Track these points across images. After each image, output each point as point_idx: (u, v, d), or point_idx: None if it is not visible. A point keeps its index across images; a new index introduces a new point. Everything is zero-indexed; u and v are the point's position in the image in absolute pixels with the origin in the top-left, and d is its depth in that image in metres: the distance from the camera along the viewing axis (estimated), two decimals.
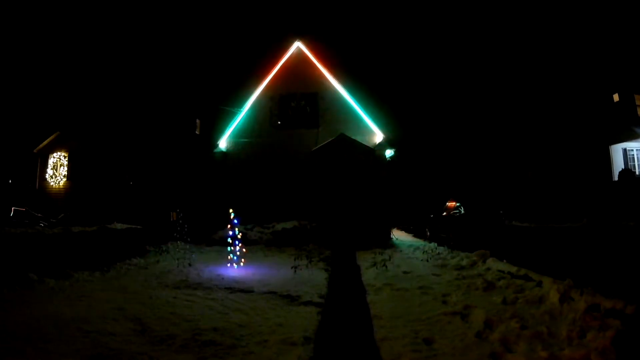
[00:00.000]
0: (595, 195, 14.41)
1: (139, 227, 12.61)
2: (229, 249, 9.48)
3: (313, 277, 8.28)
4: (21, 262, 7.45)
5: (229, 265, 9.31)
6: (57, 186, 20.53)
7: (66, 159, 20.50)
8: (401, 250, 13.06)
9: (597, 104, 17.88)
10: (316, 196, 15.43)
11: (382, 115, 18.10)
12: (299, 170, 16.32)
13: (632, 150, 17.10)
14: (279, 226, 15.07)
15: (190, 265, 9.52)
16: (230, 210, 9.64)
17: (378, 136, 16.70)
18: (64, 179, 20.39)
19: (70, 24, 25.85)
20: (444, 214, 16.16)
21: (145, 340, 4.38)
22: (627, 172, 15.26)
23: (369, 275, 8.62)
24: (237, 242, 9.48)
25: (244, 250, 9.73)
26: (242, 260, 9.50)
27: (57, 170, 20.61)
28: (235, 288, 7.18)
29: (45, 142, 21.05)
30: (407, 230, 21.18)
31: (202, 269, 9.24)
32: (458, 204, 16.07)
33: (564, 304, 5.45)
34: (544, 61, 18.64)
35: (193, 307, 5.78)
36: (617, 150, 17.11)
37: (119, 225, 11.91)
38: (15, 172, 23.43)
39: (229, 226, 9.60)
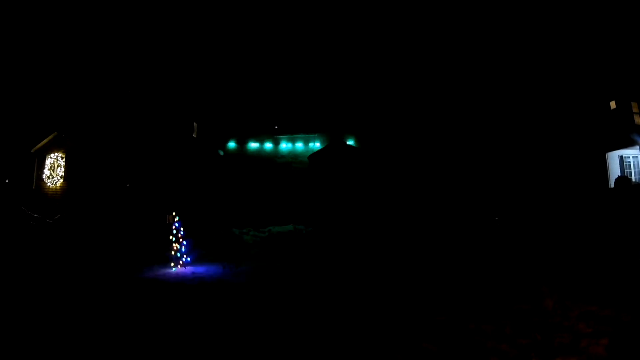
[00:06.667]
0: (591, 201, 14.42)
1: None
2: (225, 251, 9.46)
3: None
4: None
5: (223, 268, 9.28)
6: (54, 187, 20.42)
7: (63, 159, 20.38)
8: None
9: (594, 111, 17.92)
10: (313, 200, 15.40)
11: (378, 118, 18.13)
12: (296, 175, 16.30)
13: (629, 157, 17.12)
14: (275, 230, 15.01)
15: (185, 267, 9.48)
16: (227, 213, 9.61)
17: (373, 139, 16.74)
18: (61, 180, 20.27)
19: (69, 24, 25.84)
20: None
21: None
22: (623, 179, 15.27)
23: None
24: (233, 245, 9.45)
25: (240, 253, 9.70)
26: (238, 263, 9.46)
27: (54, 170, 20.51)
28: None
29: (42, 143, 20.94)
30: None
31: (197, 271, 9.20)
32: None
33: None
34: (541, 67, 18.71)
35: None
36: (613, 158, 17.11)
37: None
38: (12, 172, 23.31)
39: (225, 229, 9.58)
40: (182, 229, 11.13)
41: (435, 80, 19.05)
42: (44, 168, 20.82)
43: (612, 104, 17.51)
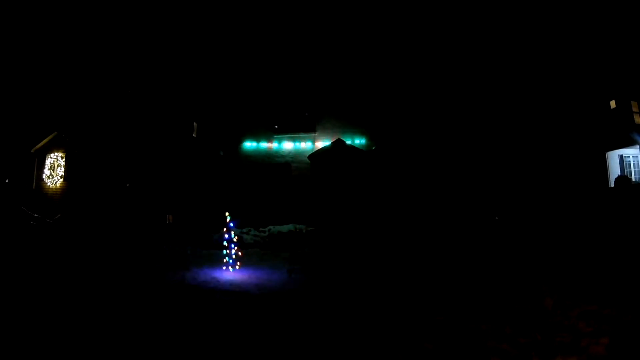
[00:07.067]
0: (591, 201, 14.42)
1: None
2: (224, 252, 9.47)
3: None
4: None
5: (224, 268, 9.29)
6: (54, 186, 20.44)
7: (63, 159, 20.40)
8: None
9: (594, 110, 17.92)
10: (313, 200, 15.41)
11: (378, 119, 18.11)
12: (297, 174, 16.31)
13: (629, 156, 17.12)
14: (275, 229, 15.01)
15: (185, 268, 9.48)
16: (227, 214, 9.62)
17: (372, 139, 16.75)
18: (61, 180, 20.29)
19: (68, 24, 25.85)
20: None
21: None
22: (623, 178, 15.29)
23: None
24: (232, 246, 9.46)
25: (239, 253, 9.71)
26: (238, 263, 9.48)
27: (54, 170, 20.53)
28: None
29: (42, 142, 20.97)
30: None
31: (197, 271, 9.20)
32: None
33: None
34: (540, 67, 18.71)
35: None
36: (613, 157, 17.13)
37: None
38: (12, 172, 23.32)
39: (225, 229, 9.59)
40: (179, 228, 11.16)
41: (434, 79, 19.04)
42: (44, 168, 20.84)
43: (612, 104, 17.52)
